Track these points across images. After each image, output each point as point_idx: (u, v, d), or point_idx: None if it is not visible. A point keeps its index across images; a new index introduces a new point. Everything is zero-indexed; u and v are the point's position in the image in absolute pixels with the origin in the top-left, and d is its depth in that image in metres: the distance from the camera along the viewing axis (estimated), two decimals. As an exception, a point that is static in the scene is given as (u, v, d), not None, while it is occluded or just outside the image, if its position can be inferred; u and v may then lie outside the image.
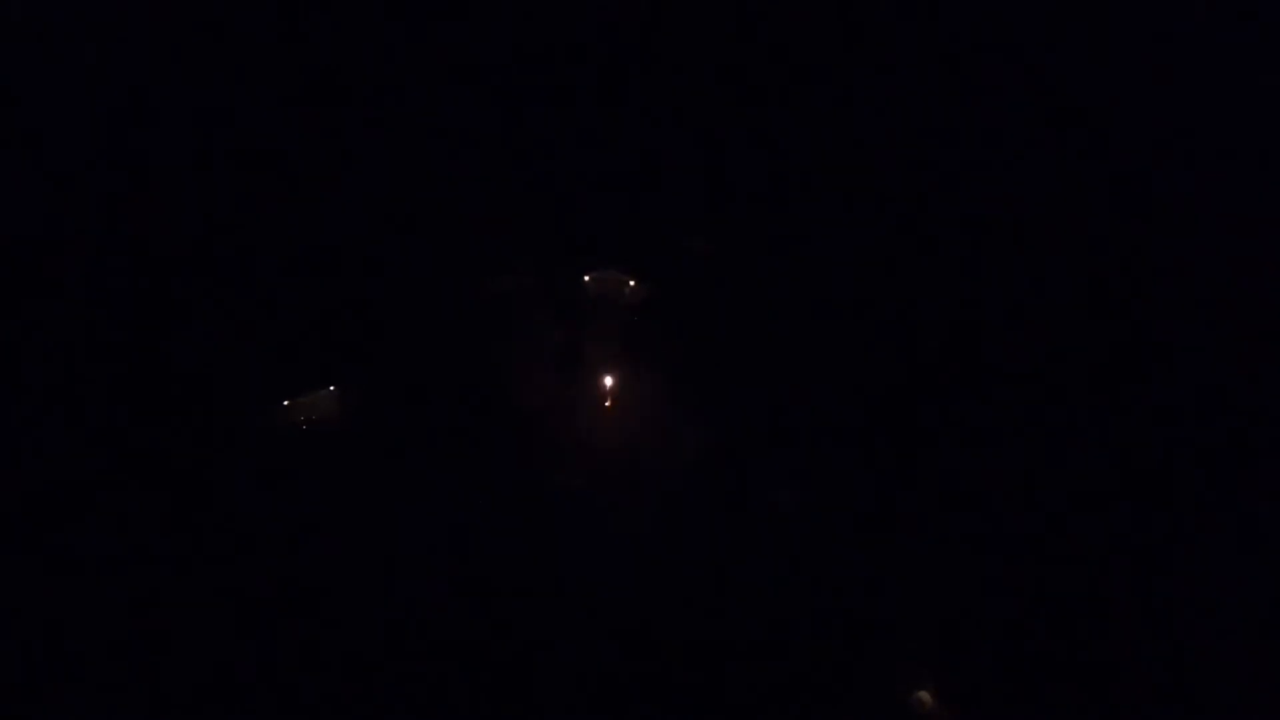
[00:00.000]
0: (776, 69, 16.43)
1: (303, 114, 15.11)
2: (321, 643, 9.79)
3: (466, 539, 10.93)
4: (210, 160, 14.53)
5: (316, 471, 11.56)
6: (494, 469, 11.76)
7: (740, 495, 11.59)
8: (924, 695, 9.23)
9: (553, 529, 11.10)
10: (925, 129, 16.06)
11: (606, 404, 13.08)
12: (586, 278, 14.92)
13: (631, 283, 14.70)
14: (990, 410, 12.42)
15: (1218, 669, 9.64)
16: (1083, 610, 10.22)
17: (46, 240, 12.01)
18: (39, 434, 11.27)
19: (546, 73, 16.16)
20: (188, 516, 10.81)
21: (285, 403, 12.18)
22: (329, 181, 14.63)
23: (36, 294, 11.85)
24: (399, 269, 14.14)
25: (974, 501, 11.35)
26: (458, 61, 15.80)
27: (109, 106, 12.88)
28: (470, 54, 15.99)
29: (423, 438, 12.18)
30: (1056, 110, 15.93)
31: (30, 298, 11.89)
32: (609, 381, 13.11)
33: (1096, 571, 10.61)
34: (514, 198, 15.38)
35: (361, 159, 15.31)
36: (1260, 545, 10.84)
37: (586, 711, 9.30)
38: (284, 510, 11.02)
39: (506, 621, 10.02)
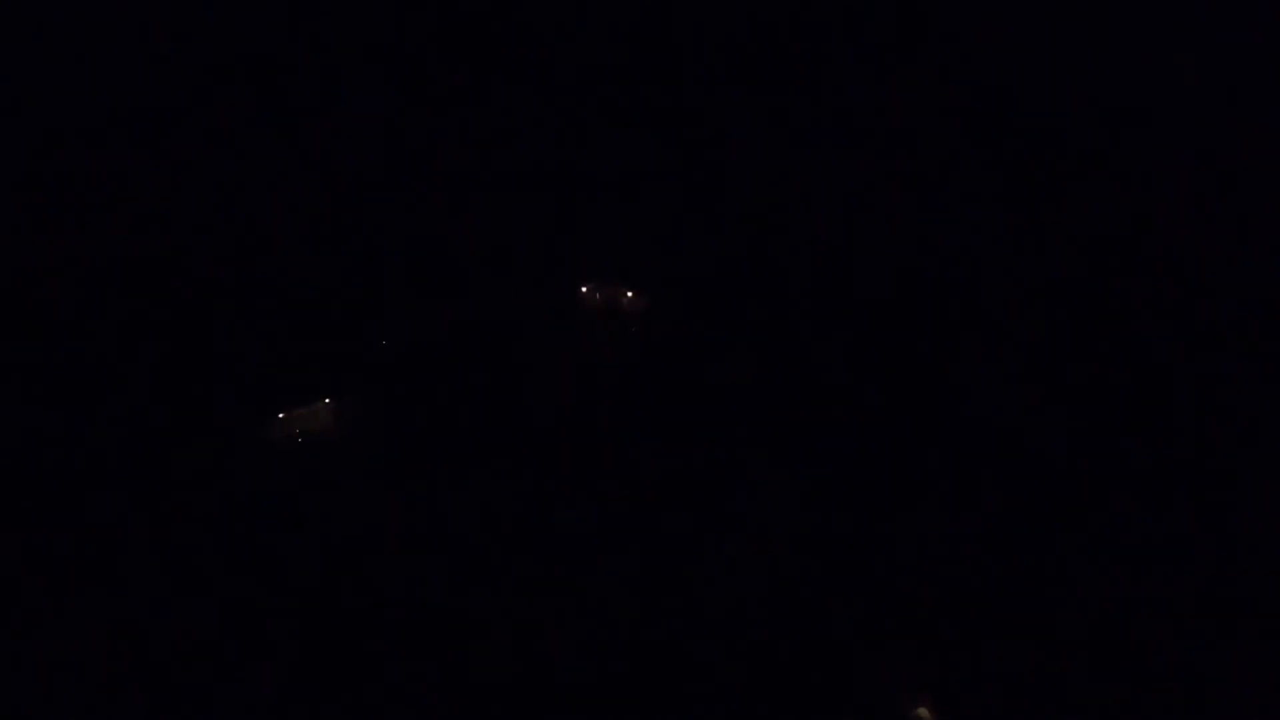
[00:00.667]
0: (776, 73, 16.55)
1: (300, 123, 15.26)
2: (319, 654, 9.81)
3: (465, 550, 10.98)
4: (204, 165, 14.67)
5: (314, 484, 11.59)
6: (492, 480, 11.78)
7: (737, 503, 11.60)
8: (923, 712, 9.17)
9: (552, 538, 11.12)
10: (926, 136, 16.16)
11: (606, 413, 13.20)
12: (584, 288, 15.02)
13: (630, 293, 14.76)
14: (994, 414, 12.43)
15: (1223, 683, 9.61)
16: (1087, 623, 10.21)
17: (29, 251, 12.17)
18: (27, 449, 11.37)
19: (545, 78, 16.29)
20: (181, 531, 10.85)
21: (280, 415, 12.29)
22: (325, 187, 14.76)
23: (21, 305, 12.00)
24: (395, 278, 14.21)
25: (974, 512, 11.33)
26: (455, 68, 15.96)
27: (99, 110, 13.05)
28: (468, 60, 16.18)
29: (420, 449, 12.18)
30: (1054, 109, 16.02)
31: (14, 310, 12.04)
32: (608, 391, 13.31)
33: (1100, 583, 10.60)
34: (512, 206, 15.47)
35: (358, 167, 15.43)
36: (1263, 550, 10.85)
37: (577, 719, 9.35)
38: (280, 524, 11.07)
39: (505, 631, 10.04)
